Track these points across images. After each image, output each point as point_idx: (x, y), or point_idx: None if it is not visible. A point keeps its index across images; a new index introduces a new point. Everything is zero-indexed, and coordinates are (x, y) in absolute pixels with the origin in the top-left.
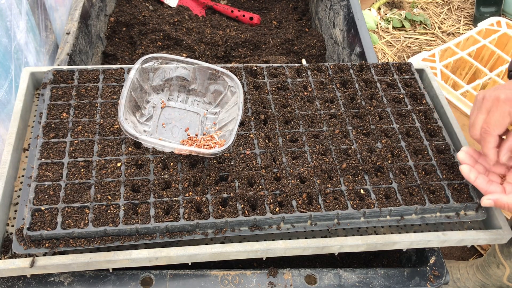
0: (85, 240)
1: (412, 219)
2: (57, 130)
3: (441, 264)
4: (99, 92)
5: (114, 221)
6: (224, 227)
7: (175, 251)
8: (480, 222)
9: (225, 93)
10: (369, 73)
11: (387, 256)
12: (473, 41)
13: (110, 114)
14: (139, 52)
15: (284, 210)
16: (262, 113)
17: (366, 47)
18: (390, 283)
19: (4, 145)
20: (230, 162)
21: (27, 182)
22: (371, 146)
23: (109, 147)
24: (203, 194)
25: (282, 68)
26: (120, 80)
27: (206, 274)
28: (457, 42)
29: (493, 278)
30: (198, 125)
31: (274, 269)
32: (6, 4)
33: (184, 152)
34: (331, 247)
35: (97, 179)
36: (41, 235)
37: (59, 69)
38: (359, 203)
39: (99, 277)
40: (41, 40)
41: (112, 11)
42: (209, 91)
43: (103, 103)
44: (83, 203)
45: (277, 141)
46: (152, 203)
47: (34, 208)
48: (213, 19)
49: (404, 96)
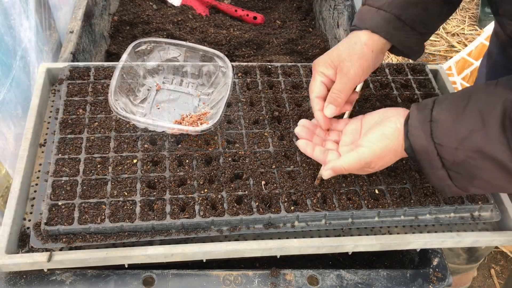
0: (101, 235)
1: (426, 219)
2: (74, 126)
3: (444, 266)
4: None
5: (130, 217)
6: (239, 224)
7: (191, 247)
8: (495, 224)
9: (217, 74)
10: (383, 73)
11: (389, 257)
12: (481, 47)
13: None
14: None
15: (299, 208)
16: (276, 111)
17: None
18: (392, 284)
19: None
20: (245, 160)
21: (44, 178)
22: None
23: (125, 144)
24: (218, 191)
25: (296, 67)
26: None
27: (208, 274)
28: (469, 52)
29: None
30: (191, 106)
31: (276, 270)
32: (10, 3)
33: (175, 131)
34: (345, 246)
35: (113, 175)
36: (58, 230)
37: (75, 65)
38: (373, 203)
39: (101, 276)
40: (45, 38)
41: (115, 10)
42: (202, 73)
43: None
44: (100, 199)
45: (291, 139)
46: (168, 199)
47: (52, 203)
48: (216, 19)
49: (418, 97)
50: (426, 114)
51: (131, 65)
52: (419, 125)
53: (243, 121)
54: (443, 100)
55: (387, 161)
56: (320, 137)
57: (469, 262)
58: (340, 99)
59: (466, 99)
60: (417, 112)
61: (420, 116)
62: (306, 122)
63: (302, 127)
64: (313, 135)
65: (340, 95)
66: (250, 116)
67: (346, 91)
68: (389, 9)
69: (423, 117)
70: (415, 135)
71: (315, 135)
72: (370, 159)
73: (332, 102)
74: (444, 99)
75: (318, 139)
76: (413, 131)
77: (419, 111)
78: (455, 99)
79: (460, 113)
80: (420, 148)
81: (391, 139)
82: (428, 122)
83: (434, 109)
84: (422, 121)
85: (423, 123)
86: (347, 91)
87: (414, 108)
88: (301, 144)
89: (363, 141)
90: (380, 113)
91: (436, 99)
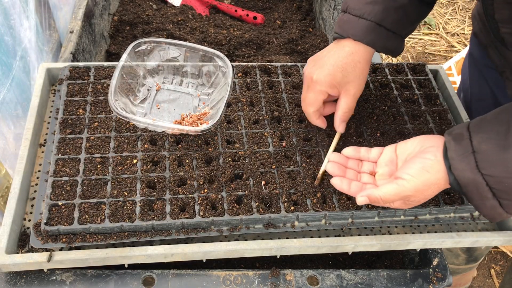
0: (101, 235)
1: (426, 219)
2: (74, 126)
3: (444, 266)
4: None
5: (130, 217)
6: (239, 224)
7: (191, 247)
8: (494, 224)
9: (217, 74)
10: (383, 73)
11: (389, 258)
12: None
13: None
14: None
15: (299, 208)
16: (276, 111)
17: None
18: (392, 284)
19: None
20: (245, 160)
21: (44, 177)
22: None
23: (125, 144)
24: (218, 191)
25: (296, 67)
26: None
27: (208, 274)
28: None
29: None
30: (191, 106)
31: (276, 270)
32: (10, 3)
33: (175, 131)
34: (345, 246)
35: (113, 175)
36: (58, 230)
37: (75, 65)
38: None
39: (101, 276)
40: (45, 38)
41: (115, 10)
42: (202, 73)
43: None
44: (100, 199)
45: (291, 140)
46: (168, 199)
47: (52, 203)
48: (216, 19)
49: (418, 97)
50: (466, 145)
51: (131, 65)
52: (461, 158)
53: (243, 121)
54: (478, 127)
55: (429, 194)
56: (354, 170)
57: (468, 262)
58: (349, 116)
59: (505, 124)
60: (454, 143)
61: (460, 148)
62: (336, 157)
63: (334, 164)
64: (346, 169)
65: (349, 113)
66: (250, 116)
67: (353, 108)
68: (369, 18)
69: (463, 148)
70: (459, 169)
71: (347, 169)
72: (411, 193)
73: (345, 120)
74: (478, 126)
75: (352, 173)
76: (456, 165)
77: (456, 143)
78: (492, 125)
79: (502, 140)
80: (467, 181)
81: (432, 172)
82: (471, 153)
83: (473, 139)
84: (463, 153)
85: (465, 155)
86: (353, 108)
87: (450, 139)
88: (335, 182)
89: (402, 173)
90: (416, 142)
91: (469, 127)
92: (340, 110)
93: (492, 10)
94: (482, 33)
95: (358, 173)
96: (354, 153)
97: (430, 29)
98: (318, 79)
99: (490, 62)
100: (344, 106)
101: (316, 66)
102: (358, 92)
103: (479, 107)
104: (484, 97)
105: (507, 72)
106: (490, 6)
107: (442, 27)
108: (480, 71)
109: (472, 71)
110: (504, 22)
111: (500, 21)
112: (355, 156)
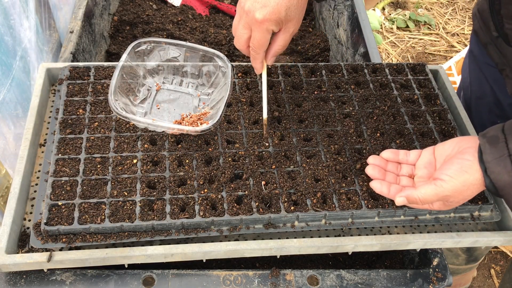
0: (101, 235)
1: (426, 219)
2: (74, 126)
3: (444, 266)
4: None
5: (130, 217)
6: (239, 224)
7: (191, 247)
8: (494, 224)
9: (217, 74)
10: (383, 73)
11: (389, 258)
12: None
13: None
14: None
15: (299, 208)
16: (276, 111)
17: (370, 47)
18: (392, 284)
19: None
20: (245, 160)
21: (44, 177)
22: (385, 146)
23: (125, 144)
24: (218, 191)
25: (296, 67)
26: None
27: (208, 274)
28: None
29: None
30: (191, 106)
31: (276, 270)
32: (10, 3)
33: (175, 131)
34: (346, 246)
35: (113, 175)
36: (58, 230)
37: (75, 65)
38: (373, 203)
39: (101, 276)
40: (45, 38)
41: (115, 10)
42: (202, 73)
43: None
44: (100, 199)
45: (292, 140)
46: (168, 199)
47: (52, 203)
48: (216, 19)
49: (418, 97)
50: (501, 148)
51: (131, 65)
52: (497, 161)
53: (243, 121)
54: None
55: (468, 195)
56: (393, 173)
57: (468, 262)
58: (281, 52)
59: None
60: (489, 147)
61: (495, 151)
62: (376, 160)
63: (374, 167)
64: (385, 172)
65: (283, 49)
66: (250, 116)
67: (287, 45)
68: None
69: (499, 151)
70: (495, 172)
71: (387, 172)
72: (449, 193)
73: (276, 55)
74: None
75: (391, 176)
76: (492, 168)
77: (491, 146)
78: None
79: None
80: (504, 184)
81: (470, 172)
82: (507, 156)
83: (509, 141)
84: (499, 156)
85: (501, 159)
86: (287, 45)
87: (485, 142)
88: (375, 185)
89: (441, 174)
90: (454, 143)
91: (504, 129)
92: (276, 45)
93: (499, 5)
94: (482, 31)
95: (397, 176)
96: (393, 156)
97: (430, 29)
98: (265, 18)
99: (490, 60)
100: (282, 43)
101: (257, 2)
102: (296, 30)
103: (479, 105)
104: (484, 95)
105: (507, 70)
106: (497, 1)
107: (442, 27)
108: (480, 69)
109: (472, 69)
110: (510, 17)
111: (506, 16)
112: (394, 159)
